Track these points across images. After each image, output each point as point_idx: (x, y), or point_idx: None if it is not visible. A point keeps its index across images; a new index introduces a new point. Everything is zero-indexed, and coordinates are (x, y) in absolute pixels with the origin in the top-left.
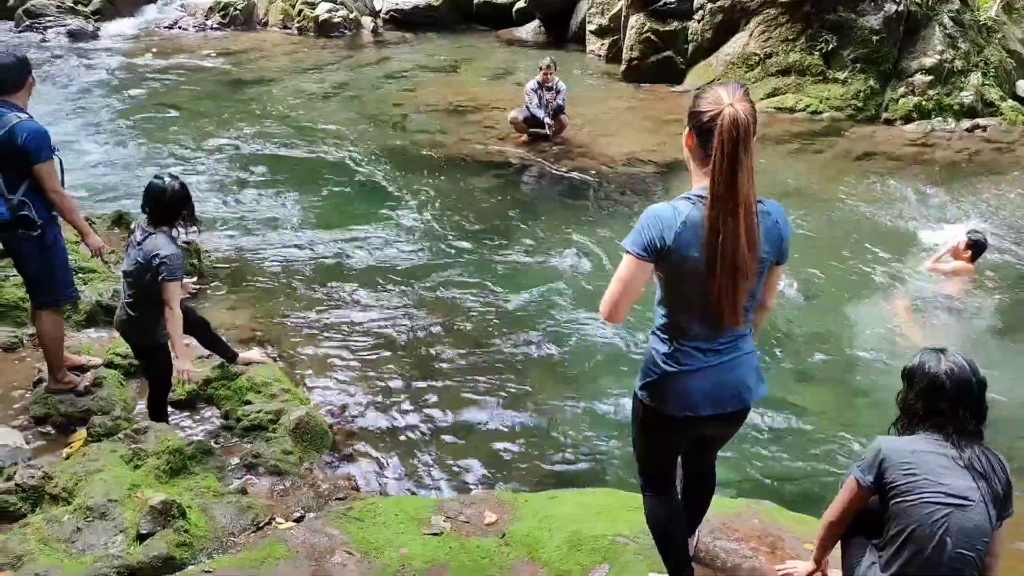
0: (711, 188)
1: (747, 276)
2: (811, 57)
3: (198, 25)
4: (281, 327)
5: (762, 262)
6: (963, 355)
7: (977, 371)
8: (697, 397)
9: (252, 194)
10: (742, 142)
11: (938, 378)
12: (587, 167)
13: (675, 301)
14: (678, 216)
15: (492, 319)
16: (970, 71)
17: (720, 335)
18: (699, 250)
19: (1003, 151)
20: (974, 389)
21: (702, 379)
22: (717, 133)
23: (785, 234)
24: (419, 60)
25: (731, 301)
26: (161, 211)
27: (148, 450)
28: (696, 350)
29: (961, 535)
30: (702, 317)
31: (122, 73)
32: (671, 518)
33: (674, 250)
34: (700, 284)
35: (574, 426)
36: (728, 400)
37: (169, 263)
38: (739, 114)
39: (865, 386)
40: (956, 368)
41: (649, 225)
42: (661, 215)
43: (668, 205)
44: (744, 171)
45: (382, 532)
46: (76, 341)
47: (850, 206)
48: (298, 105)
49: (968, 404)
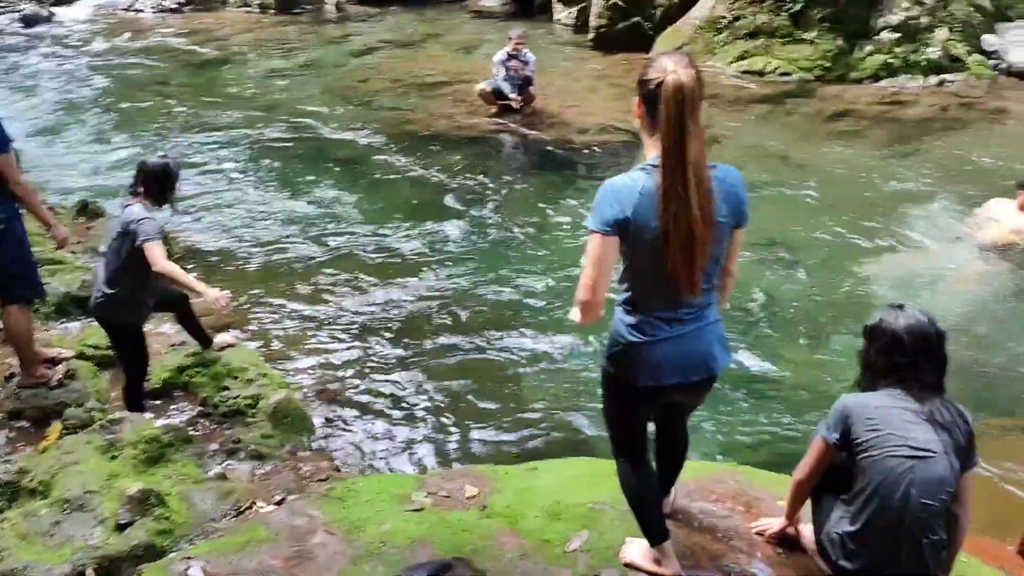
0: (662, 156)
1: (704, 243)
2: (779, 18)
3: (155, 6)
4: (256, 311)
5: (720, 227)
6: (921, 309)
7: (935, 323)
8: (663, 367)
9: (221, 177)
10: (687, 107)
11: (897, 333)
12: (558, 137)
13: (637, 273)
14: (635, 186)
15: (467, 295)
16: (936, 27)
17: (683, 305)
18: (656, 220)
19: (970, 106)
20: (933, 342)
21: (667, 349)
22: (663, 100)
23: (743, 197)
24: (385, 35)
25: (687, 270)
26: (141, 182)
27: (124, 440)
28: (660, 320)
29: (925, 486)
30: (663, 287)
31: (80, 58)
32: (644, 484)
33: (634, 221)
34: (660, 254)
35: (554, 397)
36: (694, 369)
37: (144, 225)
38: (682, 79)
39: (839, 347)
40: (915, 322)
41: (608, 199)
42: (618, 187)
43: (625, 176)
44: (691, 136)
45: (363, 511)
46: (47, 334)
47: (823, 167)
48: (264, 85)
49: (928, 357)
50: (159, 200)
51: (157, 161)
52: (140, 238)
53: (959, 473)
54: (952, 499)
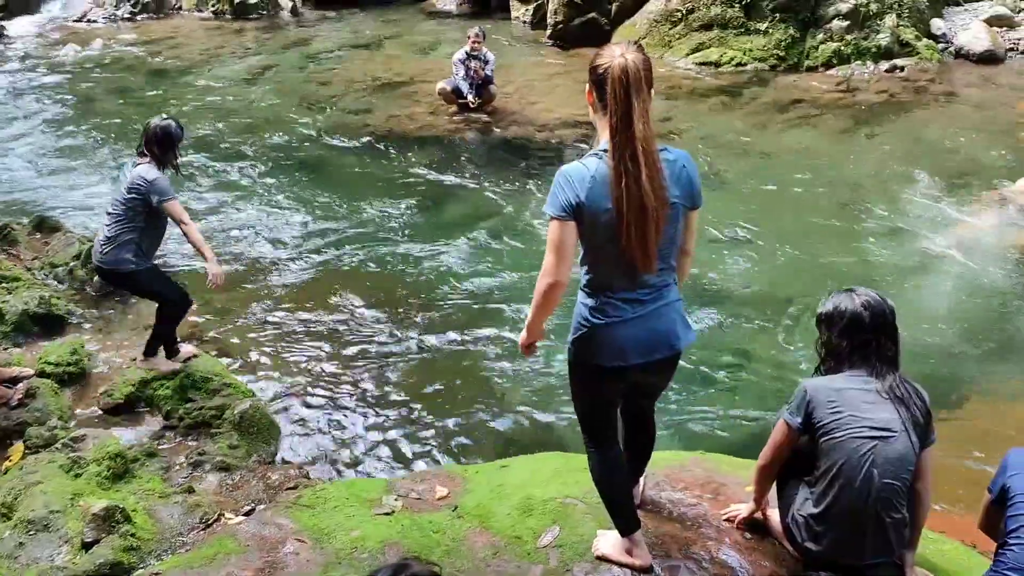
0: (610, 135)
1: (657, 220)
2: (732, 10)
3: (108, 16)
4: (219, 320)
5: (673, 206)
6: (869, 289)
7: (886, 300)
8: (626, 347)
9: (182, 185)
10: (633, 87)
11: (857, 312)
12: (519, 134)
13: (595, 256)
14: (587, 171)
15: (430, 295)
16: (885, 13)
17: (641, 285)
18: (610, 201)
19: (921, 90)
20: (889, 316)
21: (630, 329)
22: (609, 81)
23: (694, 179)
24: (343, 38)
25: (642, 246)
26: (145, 143)
27: (88, 458)
28: (621, 301)
29: (887, 465)
30: (620, 267)
31: (33, 72)
32: (614, 472)
33: (587, 204)
34: (615, 234)
35: (523, 394)
36: (657, 348)
37: (158, 185)
38: (628, 62)
39: (801, 333)
40: (872, 301)
41: (562, 185)
42: (571, 173)
43: (578, 163)
44: (638, 116)
45: (333, 517)
46: (6, 353)
47: (782, 154)
48: (222, 91)
49: (887, 332)
50: (161, 162)
51: (159, 123)
52: (158, 199)
53: (919, 451)
54: (913, 477)
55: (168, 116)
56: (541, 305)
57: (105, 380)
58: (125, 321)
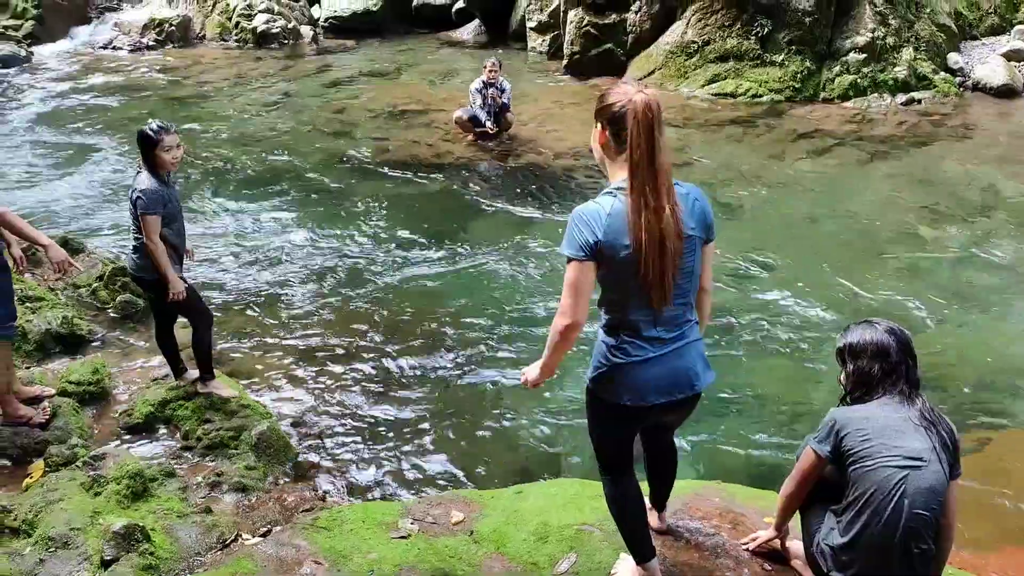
0: (631, 171)
1: (676, 254)
2: (748, 42)
3: (133, 44)
4: (235, 342)
5: (690, 240)
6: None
7: (902, 327)
8: (646, 386)
9: (199, 209)
10: (656, 124)
11: (884, 341)
12: (534, 163)
13: (615, 294)
14: (603, 210)
15: (445, 321)
16: (902, 47)
17: (662, 323)
18: (628, 238)
19: (938, 123)
20: (910, 341)
21: (650, 368)
22: (631, 118)
23: (708, 211)
24: (361, 66)
25: (660, 280)
26: (140, 151)
27: (108, 476)
28: (642, 340)
29: (917, 496)
30: (640, 304)
31: (59, 97)
32: (629, 501)
33: (605, 243)
34: (635, 270)
35: (538, 420)
36: (677, 387)
37: (144, 197)
38: (649, 98)
39: (820, 363)
40: (894, 328)
41: (578, 225)
42: (586, 213)
43: (591, 203)
44: (661, 151)
45: (349, 539)
46: (28, 372)
47: (797, 185)
48: (242, 118)
49: (912, 355)
50: (149, 169)
51: (140, 129)
52: (139, 210)
53: (948, 480)
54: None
55: (154, 120)
56: (558, 344)
57: (125, 400)
58: (146, 342)
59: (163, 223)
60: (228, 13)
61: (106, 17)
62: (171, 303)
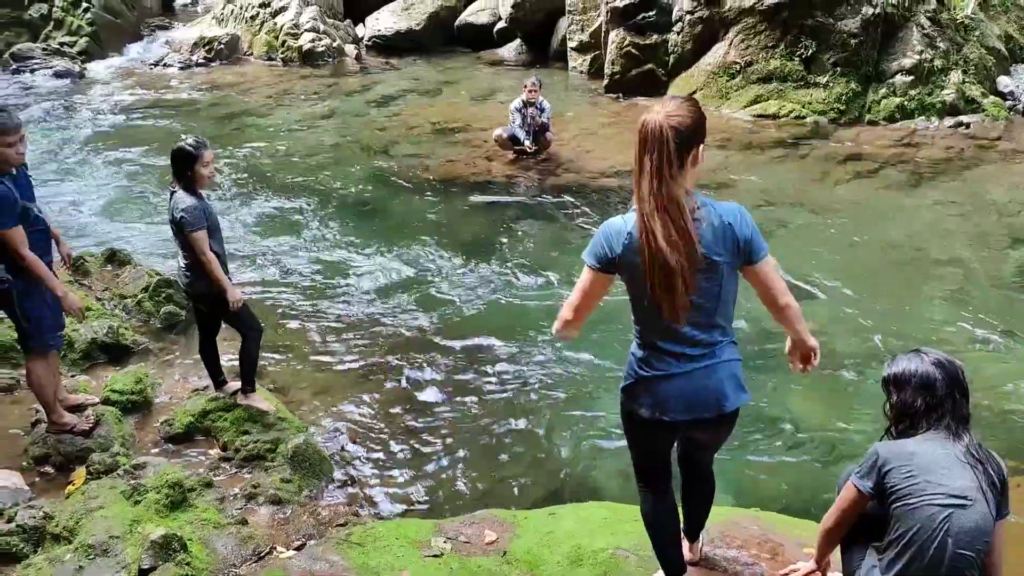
0: (636, 190)
1: (684, 277)
2: (791, 63)
3: (184, 61)
4: (275, 355)
5: (712, 264)
6: (932, 350)
7: (955, 359)
8: (669, 402)
9: (244, 224)
10: (663, 146)
11: (930, 373)
12: (573, 182)
13: (637, 308)
14: (626, 227)
15: (485, 339)
16: (950, 69)
17: (689, 341)
18: (639, 256)
19: (987, 147)
20: (960, 374)
21: (674, 384)
22: (639, 139)
23: (742, 234)
24: (403, 84)
25: (668, 301)
26: (175, 169)
27: (147, 485)
28: (667, 355)
29: (962, 535)
30: (659, 320)
31: (110, 112)
32: (662, 515)
33: (623, 259)
34: (647, 288)
35: (573, 441)
36: (703, 406)
37: (188, 215)
38: (660, 120)
39: (863, 391)
40: (942, 360)
41: (600, 238)
42: (611, 227)
43: (619, 217)
44: (665, 174)
45: (383, 556)
46: (73, 380)
47: (841, 208)
48: (286, 135)
49: (961, 389)
50: (184, 186)
51: (174, 147)
52: (186, 230)
53: (995, 520)
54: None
55: (190, 136)
56: (559, 330)
57: (166, 410)
58: (188, 353)
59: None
60: (275, 32)
61: (158, 35)
62: (227, 314)
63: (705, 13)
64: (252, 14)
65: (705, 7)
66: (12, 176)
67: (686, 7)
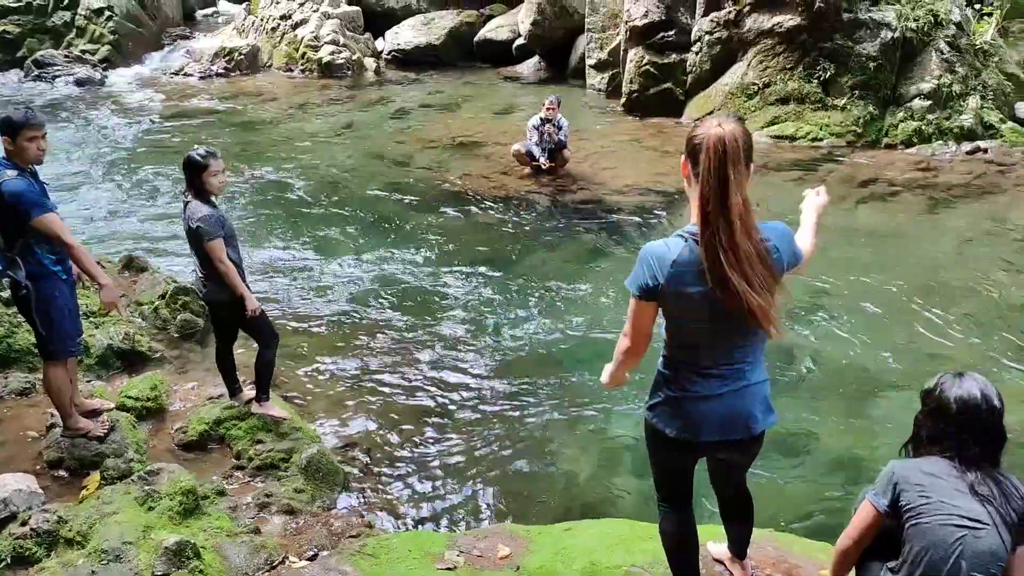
0: (701, 205)
1: (765, 283)
2: (809, 85)
3: (204, 71)
4: (291, 365)
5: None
6: (982, 381)
7: (991, 399)
8: (699, 422)
9: (260, 234)
10: (729, 159)
11: (945, 402)
12: (589, 199)
13: (679, 332)
14: (669, 255)
15: (500, 352)
16: (968, 95)
17: (724, 362)
18: (699, 281)
19: (1004, 173)
20: (983, 416)
21: (706, 405)
22: (704, 151)
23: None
24: (421, 98)
25: (761, 310)
26: (186, 177)
27: (161, 492)
28: (700, 376)
29: (975, 559)
30: (709, 344)
31: (129, 120)
32: (681, 534)
33: (669, 287)
34: (707, 312)
35: (589, 457)
36: (732, 428)
37: (204, 224)
38: (724, 132)
39: (881, 412)
40: (966, 394)
41: (643, 266)
42: (653, 255)
43: (662, 243)
44: (733, 186)
45: (396, 568)
46: (89, 385)
47: (859, 231)
48: (304, 146)
49: (973, 432)
50: (196, 194)
51: (186, 155)
52: (204, 239)
53: (1011, 548)
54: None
55: (200, 146)
56: (620, 362)
57: (181, 416)
58: (204, 362)
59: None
60: (295, 44)
61: (179, 44)
62: (245, 321)
63: (724, 34)
64: (273, 26)
65: (724, 28)
66: (33, 173)
67: (705, 27)
